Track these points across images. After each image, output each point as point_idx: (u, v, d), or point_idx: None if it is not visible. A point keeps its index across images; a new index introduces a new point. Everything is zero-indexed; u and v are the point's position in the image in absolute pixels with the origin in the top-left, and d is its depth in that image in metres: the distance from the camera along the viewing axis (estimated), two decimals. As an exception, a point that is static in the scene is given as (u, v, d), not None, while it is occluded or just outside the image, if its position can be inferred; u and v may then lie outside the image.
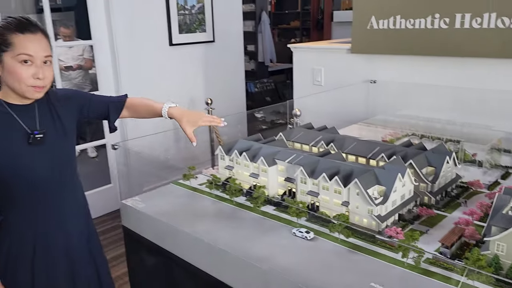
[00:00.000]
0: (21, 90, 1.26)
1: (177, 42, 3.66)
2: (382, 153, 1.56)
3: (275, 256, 1.18)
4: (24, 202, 1.33)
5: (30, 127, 1.31)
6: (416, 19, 2.43)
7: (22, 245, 1.34)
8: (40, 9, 5.88)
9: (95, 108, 1.47)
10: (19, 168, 1.29)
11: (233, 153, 1.63)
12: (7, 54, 1.23)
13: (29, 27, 1.25)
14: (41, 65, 1.26)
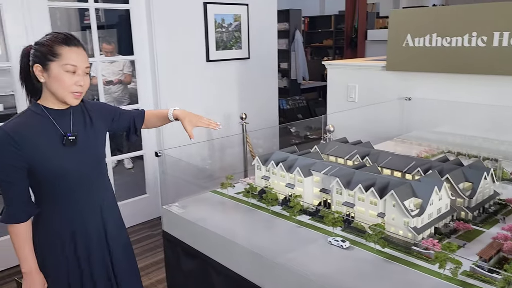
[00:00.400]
0: (63, 95, 1.41)
1: (214, 59, 3.78)
2: (418, 167, 1.57)
3: (311, 263, 1.21)
4: (58, 196, 1.47)
5: (65, 130, 1.46)
6: (452, 37, 2.44)
7: (57, 236, 1.49)
8: (83, 27, 6.21)
9: (123, 121, 1.67)
10: (54, 165, 1.43)
11: (269, 164, 1.68)
12: (55, 63, 1.37)
13: (74, 41, 1.41)
14: (82, 74, 1.42)
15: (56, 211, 1.48)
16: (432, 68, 2.56)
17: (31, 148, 1.40)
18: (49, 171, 1.43)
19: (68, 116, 1.48)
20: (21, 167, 1.40)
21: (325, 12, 10.29)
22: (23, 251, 1.45)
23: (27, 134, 1.40)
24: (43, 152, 1.42)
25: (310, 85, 8.10)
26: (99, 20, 5.44)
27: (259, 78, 4.16)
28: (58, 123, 1.45)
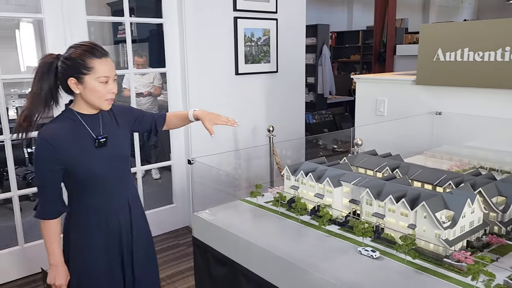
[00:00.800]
0: (99, 103, 1.57)
1: (243, 72, 3.85)
2: (449, 180, 1.56)
3: (340, 272, 1.22)
4: (91, 193, 1.61)
5: (96, 133, 1.61)
6: (485, 52, 2.42)
7: (87, 230, 1.63)
8: (116, 40, 6.43)
9: (145, 123, 1.83)
10: (88, 166, 1.57)
11: (299, 174, 1.70)
12: (88, 76, 1.52)
13: (101, 51, 1.55)
14: (113, 82, 1.57)
15: (90, 207, 1.62)
16: (464, 82, 2.53)
17: (67, 151, 1.53)
18: (83, 171, 1.57)
19: (98, 120, 1.63)
20: (58, 170, 1.54)
21: (352, 27, 10.31)
22: (52, 245, 1.61)
23: (63, 138, 1.53)
24: (77, 154, 1.55)
25: (337, 99, 8.10)
26: (132, 34, 5.62)
27: (286, 91, 4.20)
28: (90, 127, 1.60)
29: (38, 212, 1.59)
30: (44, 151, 1.52)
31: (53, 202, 1.58)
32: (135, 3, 5.19)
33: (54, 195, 1.58)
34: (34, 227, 3.85)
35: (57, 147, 1.51)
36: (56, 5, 2.81)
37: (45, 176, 1.55)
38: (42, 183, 1.56)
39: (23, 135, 1.57)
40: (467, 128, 2.54)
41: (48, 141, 1.51)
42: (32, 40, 6.31)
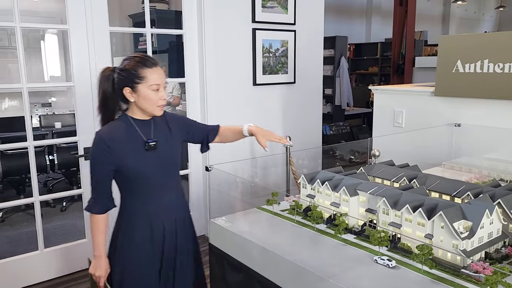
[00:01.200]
0: (151, 109, 1.69)
1: (260, 82, 3.88)
2: (468, 191, 1.55)
3: (356, 281, 1.22)
4: (139, 192, 1.72)
5: (147, 137, 1.72)
6: (505, 64, 2.40)
7: (132, 230, 1.73)
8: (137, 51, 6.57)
9: (197, 135, 1.91)
10: (137, 167, 1.69)
11: (315, 182, 1.70)
12: (141, 85, 1.65)
13: (151, 61, 1.68)
14: (163, 90, 1.69)
15: (137, 204, 1.73)
16: (483, 94, 2.51)
17: (119, 151, 1.66)
18: (132, 171, 1.68)
19: (150, 126, 1.75)
20: (109, 168, 1.68)
21: (371, 39, 10.30)
22: (97, 237, 1.73)
23: (117, 140, 1.67)
24: (128, 155, 1.68)
25: (355, 111, 8.07)
26: (152, 45, 5.75)
27: (304, 102, 4.22)
28: (142, 131, 1.72)
29: (88, 206, 1.73)
30: (100, 150, 1.66)
31: (102, 199, 1.71)
32: (156, 15, 5.31)
33: (104, 192, 1.71)
34: (54, 234, 3.93)
35: (112, 147, 1.65)
36: (81, 16, 2.90)
37: (98, 173, 1.69)
38: (94, 180, 1.70)
39: None
40: (487, 140, 2.51)
41: (104, 141, 1.65)
42: (56, 51, 6.50)
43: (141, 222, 1.73)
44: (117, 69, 1.68)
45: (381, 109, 3.19)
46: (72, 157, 3.18)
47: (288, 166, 3.28)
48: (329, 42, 7.27)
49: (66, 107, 5.83)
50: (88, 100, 3.03)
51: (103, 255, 1.75)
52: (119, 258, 1.76)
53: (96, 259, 1.75)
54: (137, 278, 1.75)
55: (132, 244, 1.74)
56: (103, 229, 1.75)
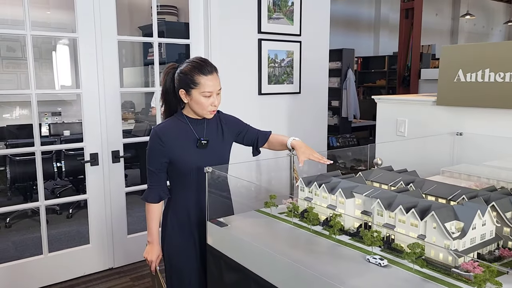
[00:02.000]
0: (202, 113, 1.83)
1: (266, 92, 3.93)
2: (463, 195, 1.55)
3: (348, 278, 1.23)
4: (189, 186, 1.86)
5: (199, 135, 1.86)
6: (506, 73, 2.41)
7: (184, 215, 1.89)
8: (146, 62, 6.69)
9: (248, 138, 2.04)
10: (188, 162, 1.83)
11: (312, 185, 1.72)
12: (195, 90, 1.78)
13: (208, 68, 1.79)
14: (216, 96, 1.81)
15: (187, 196, 1.87)
16: (485, 103, 2.52)
17: (172, 146, 1.81)
18: (183, 165, 1.83)
19: (203, 125, 1.88)
20: (162, 161, 1.82)
21: (379, 53, 10.35)
22: (151, 225, 1.91)
23: (170, 135, 1.82)
24: (180, 150, 1.82)
25: (361, 123, 8.08)
26: (161, 56, 5.85)
27: (309, 112, 4.25)
28: (195, 129, 1.86)
29: (143, 195, 1.89)
30: (154, 143, 1.82)
31: (156, 189, 1.86)
32: (165, 27, 5.42)
33: (158, 182, 1.86)
34: (59, 240, 3.98)
35: (165, 141, 1.80)
36: (90, 24, 2.98)
37: (152, 164, 1.84)
38: (150, 171, 1.85)
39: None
40: (489, 149, 2.52)
41: (158, 134, 1.81)
42: (67, 61, 6.64)
43: (183, 216, 1.88)
44: (178, 69, 1.83)
45: (384, 118, 3.21)
46: (80, 164, 3.23)
47: (292, 175, 3.30)
48: (336, 55, 7.33)
49: (76, 117, 5.93)
50: (95, 106, 3.10)
51: (155, 241, 1.92)
52: (166, 247, 1.92)
53: (149, 244, 1.93)
54: (181, 263, 1.90)
55: (176, 236, 1.90)
56: (156, 217, 1.91)
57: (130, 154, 3.43)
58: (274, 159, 1.80)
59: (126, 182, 3.45)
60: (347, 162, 3.59)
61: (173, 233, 1.92)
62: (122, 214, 3.37)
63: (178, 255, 1.92)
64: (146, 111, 6.60)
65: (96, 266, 3.33)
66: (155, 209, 1.90)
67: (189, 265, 1.92)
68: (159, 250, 1.95)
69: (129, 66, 7.09)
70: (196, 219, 1.88)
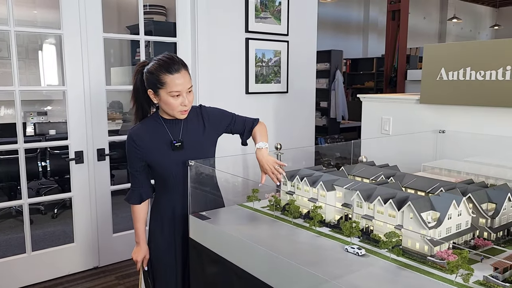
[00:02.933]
0: (172, 113, 1.75)
1: (253, 91, 3.94)
2: (441, 187, 1.58)
3: (326, 267, 1.25)
4: (172, 187, 1.82)
5: (175, 136, 1.80)
6: (487, 71, 2.45)
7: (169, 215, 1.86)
8: (134, 62, 6.66)
9: (236, 128, 1.98)
10: (163, 164, 1.79)
11: (295, 179, 1.74)
12: (162, 90, 1.69)
13: (175, 67, 1.68)
14: (186, 95, 1.72)
15: (170, 197, 1.84)
16: (466, 101, 2.56)
17: (146, 148, 1.77)
18: (159, 168, 1.80)
19: (180, 125, 1.81)
20: (140, 163, 1.80)
21: (368, 55, 10.44)
22: (136, 226, 1.90)
23: (144, 137, 1.78)
24: (155, 152, 1.78)
25: (350, 124, 8.13)
26: (149, 56, 5.84)
27: (296, 112, 4.27)
28: (171, 130, 1.80)
29: (126, 197, 1.89)
30: (130, 147, 1.79)
31: (137, 190, 1.85)
32: (154, 26, 5.41)
33: (138, 184, 1.85)
34: (44, 240, 3.94)
35: (140, 144, 1.77)
36: (75, 21, 2.97)
37: (131, 167, 1.82)
38: (130, 173, 1.85)
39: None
40: (470, 146, 2.55)
41: (132, 137, 1.78)
42: (54, 60, 6.59)
43: (166, 212, 1.86)
44: (146, 67, 1.74)
45: (369, 117, 3.24)
46: (66, 163, 3.20)
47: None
48: (324, 56, 7.38)
49: (62, 116, 5.89)
50: (80, 104, 3.09)
51: (141, 241, 1.91)
52: (153, 243, 1.92)
53: (136, 245, 1.93)
54: (166, 261, 1.89)
55: (158, 236, 1.89)
56: (141, 218, 1.90)
57: (116, 152, 3.41)
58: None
59: (113, 182, 3.44)
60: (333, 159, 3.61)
61: (158, 232, 1.91)
62: (108, 213, 3.35)
63: (163, 254, 1.90)
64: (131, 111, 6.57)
65: (80, 265, 3.31)
66: (138, 210, 1.89)
67: (173, 263, 1.90)
68: (145, 251, 1.92)
69: (117, 66, 7.06)
70: (181, 218, 1.86)
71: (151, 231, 1.94)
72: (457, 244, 1.34)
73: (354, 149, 2.73)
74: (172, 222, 1.86)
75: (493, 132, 2.44)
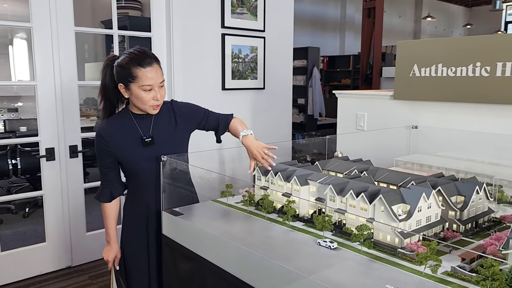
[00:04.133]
0: (143, 108, 1.71)
1: (229, 87, 3.92)
2: (412, 181, 1.60)
3: (299, 261, 1.25)
4: (143, 184, 1.78)
5: (145, 132, 1.76)
6: (457, 67, 2.50)
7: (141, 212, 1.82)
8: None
9: (210, 124, 1.93)
10: (133, 161, 1.75)
11: (269, 174, 1.73)
12: (134, 84, 1.65)
13: (147, 60, 1.65)
14: (158, 89, 1.68)
15: (142, 194, 1.80)
16: (438, 97, 2.61)
17: (115, 144, 1.73)
18: (130, 164, 1.76)
19: (150, 120, 1.77)
20: (109, 160, 1.76)
21: (344, 52, 10.54)
22: (106, 224, 1.87)
23: (113, 133, 1.73)
24: (125, 149, 1.74)
25: (327, 121, 8.19)
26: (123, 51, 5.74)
27: (273, 108, 4.27)
28: (140, 126, 1.75)
29: (96, 194, 1.86)
30: (98, 143, 1.75)
31: (107, 188, 1.82)
32: (129, 21, 5.31)
33: (109, 181, 1.81)
34: (14, 239, 3.83)
35: (109, 141, 1.72)
36: (44, 14, 2.89)
37: (101, 164, 1.78)
38: (100, 171, 1.81)
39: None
40: (442, 141, 2.60)
41: (100, 134, 1.74)
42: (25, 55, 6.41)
43: (138, 209, 1.82)
44: (116, 61, 1.69)
45: (345, 113, 3.27)
46: (37, 161, 3.12)
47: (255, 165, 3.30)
48: (301, 53, 7.41)
49: (34, 113, 5.73)
50: (51, 99, 3.01)
51: (112, 240, 1.87)
52: (125, 243, 1.88)
53: (107, 244, 1.89)
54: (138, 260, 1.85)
55: (132, 230, 1.85)
56: (112, 216, 1.86)
57: (89, 150, 3.34)
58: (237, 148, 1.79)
59: (87, 180, 3.36)
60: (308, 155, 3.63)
61: (131, 231, 1.87)
62: (81, 211, 3.28)
63: (136, 253, 1.86)
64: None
65: (53, 265, 3.23)
66: (109, 208, 1.85)
67: (147, 261, 1.86)
68: (117, 250, 1.89)
69: (92, 61, 6.92)
70: (155, 215, 1.81)
71: (124, 230, 1.89)
72: (427, 236, 1.37)
73: (330, 145, 2.75)
74: (145, 220, 1.82)
75: (463, 127, 2.49)
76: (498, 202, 1.80)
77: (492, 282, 0.99)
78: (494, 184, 1.99)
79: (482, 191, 1.52)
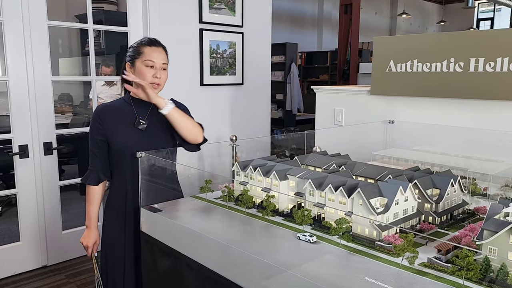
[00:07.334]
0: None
1: (208, 83, 3.90)
2: (390, 175, 1.63)
3: (279, 255, 1.25)
4: (126, 171, 1.81)
5: (141, 116, 1.80)
6: (432, 63, 2.55)
7: (121, 202, 1.84)
8: (84, 53, 6.41)
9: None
10: (122, 142, 1.78)
11: (248, 169, 1.73)
12: (138, 60, 1.77)
13: (155, 43, 1.83)
14: (159, 69, 1.80)
15: (120, 184, 1.84)
16: (414, 92, 2.66)
17: (109, 124, 1.78)
18: (118, 145, 1.78)
19: (147, 108, 1.82)
20: (101, 140, 1.80)
21: (322, 48, 10.61)
22: (88, 208, 1.88)
23: (110, 113, 1.80)
24: (117, 129, 1.78)
25: (306, 117, 8.25)
26: (100, 47, 5.63)
27: (252, 104, 4.27)
28: (138, 110, 1.81)
29: (84, 176, 1.86)
30: (93, 121, 1.81)
31: (95, 171, 1.84)
32: (104, 16, 5.21)
33: (98, 164, 1.83)
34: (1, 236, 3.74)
35: (103, 118, 1.79)
36: (16, 7, 2.80)
37: (92, 144, 1.81)
38: (90, 151, 1.83)
39: None
40: (417, 135, 2.65)
41: (97, 113, 1.81)
42: None
43: (119, 201, 1.84)
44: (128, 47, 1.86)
45: (323, 108, 3.29)
46: (10, 159, 3.03)
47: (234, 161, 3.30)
48: (280, 49, 7.43)
49: (6, 109, 5.57)
50: (23, 94, 2.93)
51: (92, 225, 1.89)
52: (104, 232, 1.89)
53: (87, 229, 1.90)
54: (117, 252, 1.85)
55: (112, 219, 1.87)
56: (95, 200, 1.87)
57: (64, 146, 3.27)
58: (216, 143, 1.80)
59: (63, 177, 3.30)
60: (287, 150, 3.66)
61: (110, 221, 1.89)
62: (57, 209, 3.22)
63: (114, 244, 1.88)
64: (85, 104, 6.32)
65: (28, 265, 3.16)
66: (94, 191, 1.87)
67: (124, 254, 1.86)
68: (96, 235, 1.91)
69: (67, 57, 6.77)
70: (132, 207, 1.83)
71: (104, 218, 1.92)
72: (404, 229, 1.39)
73: (309, 140, 2.77)
74: (124, 211, 1.84)
75: (438, 122, 2.55)
76: (472, 195, 1.84)
77: (467, 272, 1.01)
78: (468, 177, 2.04)
79: (457, 183, 1.56)
